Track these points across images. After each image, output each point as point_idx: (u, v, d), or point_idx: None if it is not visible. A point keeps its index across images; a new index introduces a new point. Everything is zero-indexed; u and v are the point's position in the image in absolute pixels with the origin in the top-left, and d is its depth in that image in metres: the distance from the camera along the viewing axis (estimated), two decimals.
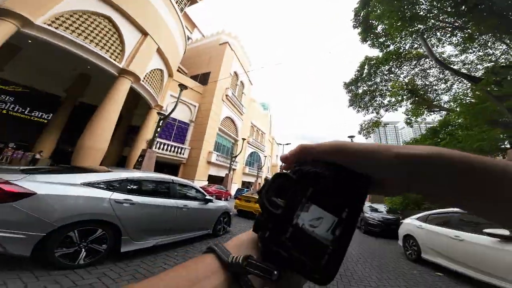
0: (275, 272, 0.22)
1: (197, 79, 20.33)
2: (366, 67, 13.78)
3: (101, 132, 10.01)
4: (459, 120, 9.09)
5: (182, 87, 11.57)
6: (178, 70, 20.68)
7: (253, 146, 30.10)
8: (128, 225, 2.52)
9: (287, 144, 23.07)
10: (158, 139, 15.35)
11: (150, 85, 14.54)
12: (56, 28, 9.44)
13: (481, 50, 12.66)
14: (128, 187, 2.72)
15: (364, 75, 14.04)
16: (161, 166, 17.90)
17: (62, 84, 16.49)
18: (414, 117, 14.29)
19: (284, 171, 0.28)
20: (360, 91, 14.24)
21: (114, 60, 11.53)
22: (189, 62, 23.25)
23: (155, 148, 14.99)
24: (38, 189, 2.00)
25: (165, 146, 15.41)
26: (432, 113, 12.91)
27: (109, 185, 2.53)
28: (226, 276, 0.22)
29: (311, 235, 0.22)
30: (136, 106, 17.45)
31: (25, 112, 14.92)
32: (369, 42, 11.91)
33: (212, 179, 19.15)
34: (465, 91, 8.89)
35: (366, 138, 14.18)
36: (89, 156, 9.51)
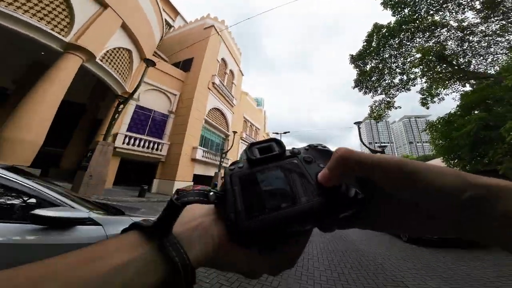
0: (211, 194, 0.22)
1: (178, 67, 17.75)
2: (374, 38, 11.62)
3: (32, 121, 7.34)
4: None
5: (149, 62, 9.09)
6: (155, 56, 18.06)
7: (247, 142, 27.71)
8: None
9: (285, 133, 20.49)
10: (129, 133, 12.70)
11: (113, 67, 11.88)
12: None
13: (504, 19, 10.78)
14: None
15: (372, 49, 11.88)
16: (136, 165, 15.22)
17: (13, 75, 13.94)
18: (430, 97, 12.32)
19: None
20: (367, 68, 12.08)
21: (59, 33, 8.97)
22: (170, 49, 20.63)
23: (125, 144, 12.36)
24: None
25: (138, 142, 12.76)
26: (461, 85, 10.75)
27: None
28: (149, 247, 0.18)
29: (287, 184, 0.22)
30: (104, 97, 14.76)
31: None
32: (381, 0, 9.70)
33: (199, 180, 16.61)
34: None
35: (377, 122, 12.04)
36: (14, 150, 6.84)
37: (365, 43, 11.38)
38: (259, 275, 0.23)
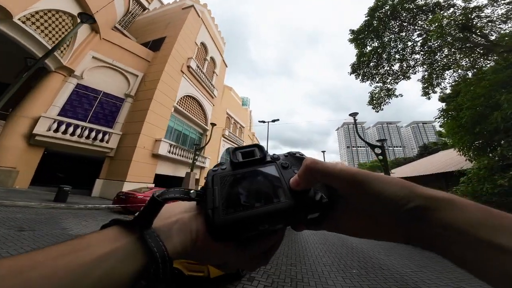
0: (192, 191, 0.24)
1: (147, 47, 14.83)
2: (376, 15, 9.96)
3: None
4: None
5: (85, 17, 6.33)
6: (115, 30, 15.04)
7: (230, 140, 25.09)
8: None
9: (274, 121, 17.68)
10: (60, 118, 9.46)
11: (45, 33, 8.82)
12: None
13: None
14: None
15: (372, 28, 10.20)
16: (71, 161, 11.82)
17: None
18: (431, 87, 11.01)
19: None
20: (367, 49, 10.37)
21: None
22: (141, 30, 17.71)
23: (52, 131, 9.17)
24: None
25: (73, 129, 9.55)
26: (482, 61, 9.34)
27: None
28: (129, 239, 0.19)
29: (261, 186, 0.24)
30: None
31: None
32: None
33: (164, 181, 13.60)
34: None
35: (377, 111, 10.26)
36: None
37: (367, 17, 9.63)
38: (235, 269, 0.25)
